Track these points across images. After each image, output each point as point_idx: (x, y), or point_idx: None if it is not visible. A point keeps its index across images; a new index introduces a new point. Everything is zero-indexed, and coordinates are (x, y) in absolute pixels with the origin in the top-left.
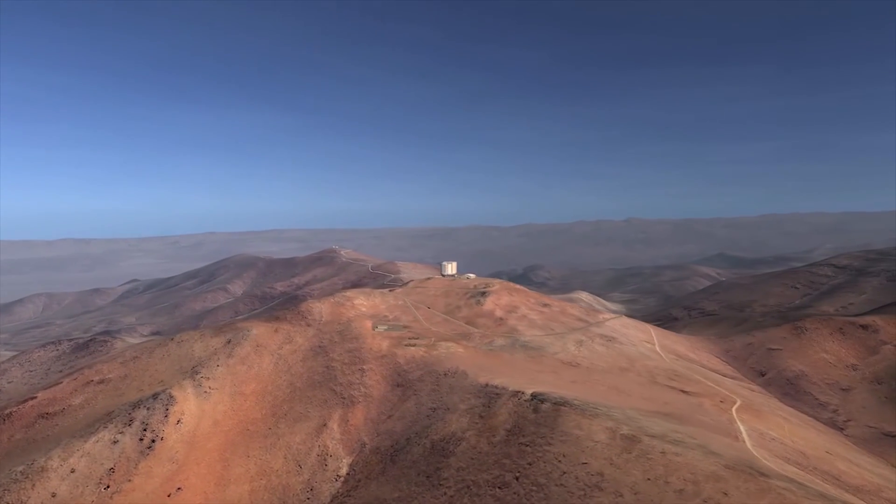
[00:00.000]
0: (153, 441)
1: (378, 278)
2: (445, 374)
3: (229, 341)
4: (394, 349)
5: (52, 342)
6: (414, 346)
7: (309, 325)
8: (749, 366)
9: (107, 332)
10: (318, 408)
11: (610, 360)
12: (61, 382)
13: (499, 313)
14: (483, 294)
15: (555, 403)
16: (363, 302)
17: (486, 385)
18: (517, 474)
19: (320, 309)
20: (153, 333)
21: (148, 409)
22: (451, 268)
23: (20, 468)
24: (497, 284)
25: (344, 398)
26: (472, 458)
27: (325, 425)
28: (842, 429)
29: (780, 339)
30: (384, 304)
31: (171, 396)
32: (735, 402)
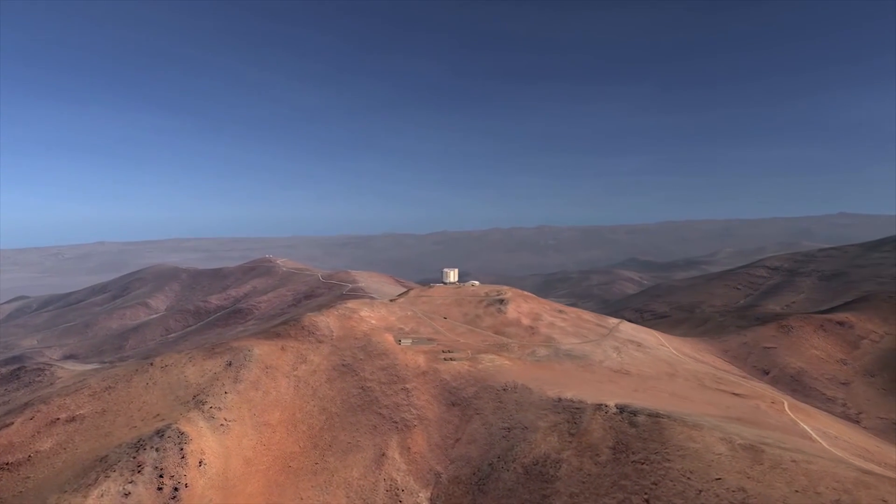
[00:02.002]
0: (176, 489)
1: (334, 288)
2: (505, 390)
3: (230, 363)
4: (433, 364)
5: None
6: (454, 360)
7: (320, 342)
8: (751, 365)
9: (16, 359)
10: (367, 435)
11: (653, 366)
12: (12, 423)
13: (526, 321)
14: (502, 302)
15: (649, 415)
16: (370, 313)
17: (559, 399)
18: (646, 496)
19: (327, 323)
20: (66, 357)
21: (157, 449)
22: (453, 275)
23: None
24: (510, 292)
25: (395, 422)
26: (583, 482)
27: (383, 455)
28: (857, 421)
29: (770, 338)
30: (393, 315)
31: (182, 433)
32: (783, 403)
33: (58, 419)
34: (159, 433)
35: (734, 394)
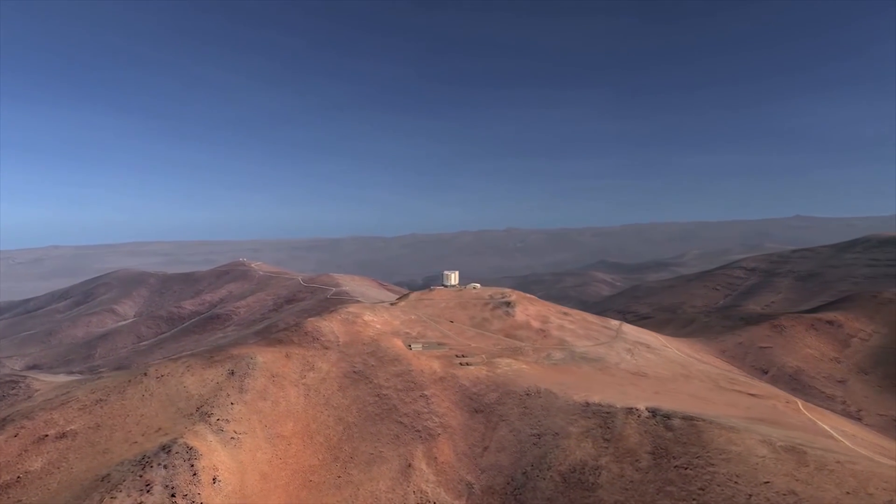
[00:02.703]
0: None
1: (316, 292)
2: (528, 395)
3: (232, 372)
4: (450, 370)
5: None
6: (470, 364)
7: (326, 348)
8: (749, 364)
9: None
10: (390, 445)
11: (666, 367)
12: None
13: (535, 324)
14: (508, 304)
15: (684, 419)
16: (374, 318)
17: (587, 404)
18: (694, 502)
19: (331, 328)
20: (29, 367)
21: (165, 466)
22: (453, 278)
23: None
24: (514, 294)
25: (418, 431)
26: (626, 489)
27: (410, 465)
28: (859, 419)
29: (765, 338)
30: (397, 319)
31: (191, 448)
32: (797, 402)
33: (46, 436)
34: (165, 449)
35: (750, 394)
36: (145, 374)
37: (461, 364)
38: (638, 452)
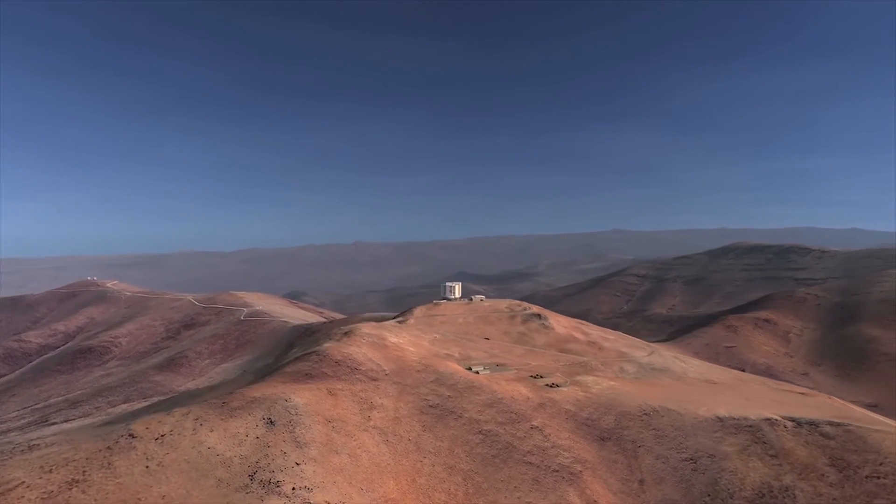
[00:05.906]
0: None
1: (223, 314)
2: (647, 415)
3: (271, 421)
4: (543, 394)
5: None
6: (559, 386)
7: (374, 380)
8: (724, 363)
9: None
10: (535, 493)
11: (720, 374)
12: None
13: (580, 336)
14: (541, 317)
15: (831, 425)
16: (398, 339)
17: (719, 418)
18: None
19: (365, 354)
20: None
21: None
22: (457, 290)
23: None
24: (534, 306)
25: (556, 471)
26: None
27: None
28: None
29: (725, 338)
30: (422, 339)
31: None
32: (835, 398)
33: None
34: None
35: (800, 393)
36: (132, 437)
37: (548, 386)
38: (817, 466)
